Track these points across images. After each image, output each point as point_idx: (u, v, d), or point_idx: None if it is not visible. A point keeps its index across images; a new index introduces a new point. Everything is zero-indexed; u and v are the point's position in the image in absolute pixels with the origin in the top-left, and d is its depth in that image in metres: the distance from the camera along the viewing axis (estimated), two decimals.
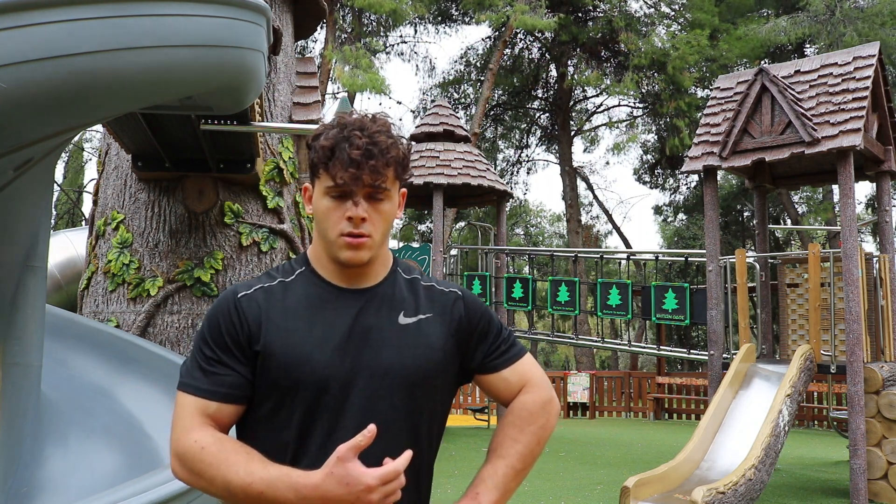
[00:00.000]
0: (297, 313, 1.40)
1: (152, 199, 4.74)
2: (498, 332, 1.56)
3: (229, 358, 1.37)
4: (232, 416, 1.39)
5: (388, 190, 1.40)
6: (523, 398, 1.52)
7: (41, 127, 2.38)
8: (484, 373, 1.53)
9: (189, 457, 1.31)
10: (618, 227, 28.04)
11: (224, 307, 1.41)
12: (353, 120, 1.40)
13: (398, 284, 1.49)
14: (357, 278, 1.45)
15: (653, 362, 19.16)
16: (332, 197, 1.38)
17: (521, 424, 1.49)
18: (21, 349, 2.94)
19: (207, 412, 1.35)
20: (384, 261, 1.49)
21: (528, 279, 10.58)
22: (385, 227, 1.42)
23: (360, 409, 1.36)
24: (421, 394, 1.42)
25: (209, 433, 1.33)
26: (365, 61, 16.73)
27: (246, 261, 4.71)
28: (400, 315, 1.45)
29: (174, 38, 2.41)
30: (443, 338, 1.47)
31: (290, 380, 1.35)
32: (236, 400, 1.38)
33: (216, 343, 1.38)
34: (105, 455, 3.22)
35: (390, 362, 1.39)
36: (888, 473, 6.37)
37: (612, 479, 7.51)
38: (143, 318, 4.46)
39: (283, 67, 5.47)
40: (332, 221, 1.39)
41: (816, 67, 7.23)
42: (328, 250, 1.42)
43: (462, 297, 1.54)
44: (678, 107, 18.58)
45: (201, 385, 1.37)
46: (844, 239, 6.50)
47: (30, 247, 2.98)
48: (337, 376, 1.36)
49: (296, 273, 1.46)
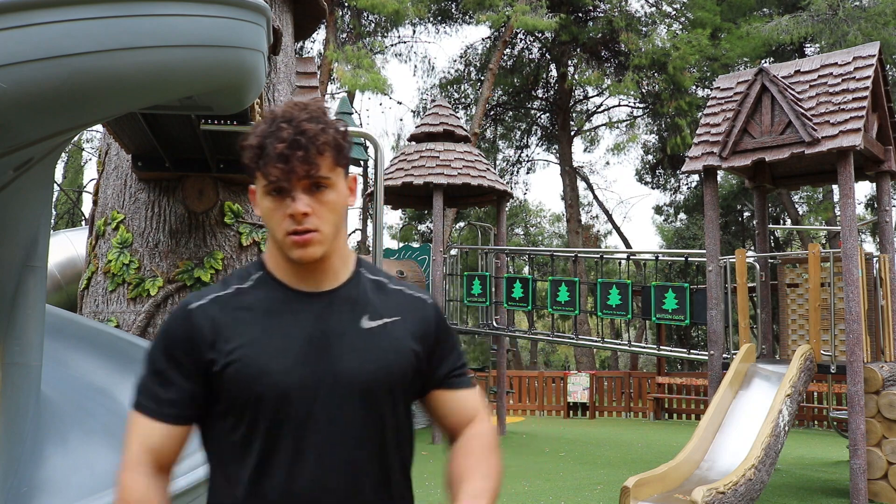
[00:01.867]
0: (254, 321, 1.34)
1: (152, 199, 4.74)
2: (459, 353, 1.51)
3: (179, 376, 1.33)
4: (180, 438, 1.35)
5: (327, 178, 1.32)
6: (483, 427, 1.46)
7: (41, 127, 2.38)
8: (444, 388, 1.46)
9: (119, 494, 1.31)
10: (618, 227, 28.05)
11: (175, 321, 1.35)
12: (281, 112, 1.32)
13: (362, 285, 1.42)
14: (316, 280, 1.38)
15: (653, 362, 19.16)
16: (272, 196, 1.31)
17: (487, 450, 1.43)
18: (21, 349, 2.94)
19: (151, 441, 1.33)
20: (344, 259, 1.42)
21: (528, 279, 10.58)
22: (334, 218, 1.34)
23: (325, 421, 1.31)
24: (387, 400, 1.37)
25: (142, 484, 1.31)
26: (367, 61, 16.73)
27: (246, 261, 4.70)
28: (364, 318, 1.38)
29: (174, 38, 2.41)
30: (410, 341, 1.41)
31: (249, 393, 1.30)
32: (185, 421, 1.35)
33: (167, 360, 1.33)
34: (105, 455, 3.22)
35: (353, 369, 1.33)
36: (888, 473, 6.36)
37: (611, 479, 7.51)
38: (144, 317, 4.46)
39: (283, 67, 5.47)
40: (276, 221, 1.31)
41: (816, 67, 7.23)
42: (281, 251, 1.36)
43: (432, 304, 1.49)
44: (679, 106, 18.56)
45: (149, 405, 1.33)
46: (844, 239, 6.50)
47: (30, 247, 2.98)
48: (298, 387, 1.30)
49: (251, 278, 1.39)
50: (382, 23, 21.19)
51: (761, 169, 7.83)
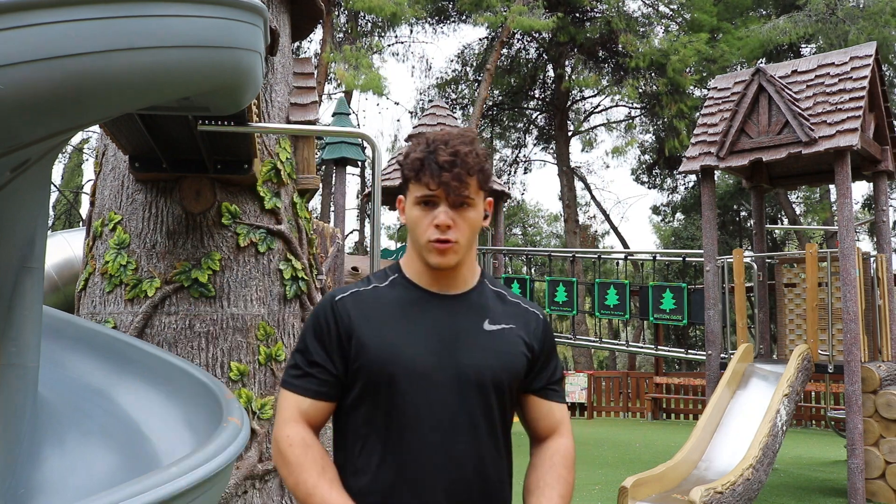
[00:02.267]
0: (389, 312, 1.53)
1: (149, 200, 4.74)
2: (556, 367, 1.68)
3: (325, 358, 1.53)
4: (324, 411, 1.55)
5: (471, 198, 1.51)
6: (566, 442, 1.64)
7: (37, 128, 2.38)
8: (538, 395, 1.64)
9: (278, 448, 1.50)
10: (615, 228, 28.08)
11: (322, 309, 1.58)
12: (439, 134, 1.53)
13: (485, 294, 1.61)
14: (447, 284, 1.57)
15: (651, 362, 19.18)
16: (421, 206, 1.51)
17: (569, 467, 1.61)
18: (18, 350, 2.94)
19: (302, 408, 1.52)
20: (472, 269, 1.61)
21: (525, 279, 10.58)
22: (470, 234, 1.53)
23: (448, 406, 1.48)
24: (499, 396, 1.53)
25: (300, 433, 1.50)
26: (365, 61, 16.71)
27: (243, 261, 4.70)
28: (485, 321, 1.57)
29: (171, 39, 2.41)
30: (523, 346, 1.58)
31: (378, 373, 1.48)
32: (328, 398, 1.54)
33: (314, 343, 1.54)
34: (103, 456, 3.22)
35: (475, 363, 1.51)
36: (886, 473, 6.38)
37: (610, 479, 7.51)
38: (141, 319, 4.45)
39: (280, 68, 5.46)
40: (422, 229, 1.51)
41: (813, 67, 7.24)
42: (420, 256, 1.55)
43: (542, 318, 1.67)
44: (679, 109, 18.55)
45: (298, 383, 1.54)
46: (841, 239, 6.51)
47: (27, 248, 2.98)
48: (425, 373, 1.48)
49: (389, 279, 1.60)
50: (379, 23, 21.18)
51: (758, 169, 7.83)
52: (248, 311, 4.60)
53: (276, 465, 1.52)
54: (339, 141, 10.29)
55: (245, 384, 4.40)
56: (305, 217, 5.44)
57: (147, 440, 3.35)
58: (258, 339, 4.56)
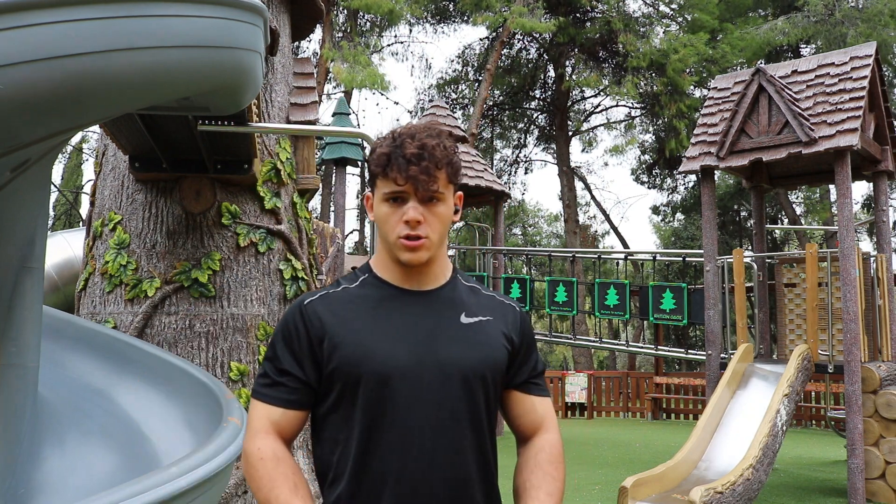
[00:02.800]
0: (361, 312, 1.49)
1: (149, 200, 4.74)
2: (537, 360, 1.65)
3: (294, 365, 1.48)
4: (295, 421, 1.50)
5: (441, 192, 1.47)
6: (550, 437, 1.61)
7: (37, 128, 2.38)
8: (520, 390, 1.61)
9: (248, 461, 1.45)
10: (615, 228, 28.08)
11: (291, 315, 1.52)
12: (405, 128, 1.49)
13: (459, 289, 1.58)
14: (419, 280, 1.53)
15: (651, 362, 19.17)
16: (390, 202, 1.47)
17: (554, 463, 1.57)
18: (18, 350, 2.94)
19: (273, 418, 1.48)
20: (443, 265, 1.58)
21: (525, 279, 10.58)
22: (441, 229, 1.49)
23: (431, 403, 1.44)
24: (482, 388, 1.50)
25: (271, 445, 1.46)
26: (364, 58, 16.70)
27: (243, 262, 4.70)
28: (462, 315, 1.53)
29: (171, 39, 2.41)
30: (501, 339, 1.55)
31: (353, 375, 1.44)
32: (299, 406, 1.49)
33: (283, 351, 1.49)
34: (103, 456, 3.22)
35: (454, 357, 1.47)
36: (886, 473, 6.37)
37: (610, 480, 7.51)
38: (141, 319, 4.45)
39: (280, 68, 5.46)
40: (391, 225, 1.47)
41: (813, 67, 7.24)
42: (390, 253, 1.51)
43: (519, 310, 1.64)
44: (679, 109, 18.55)
45: (269, 393, 1.49)
46: (841, 239, 6.51)
47: (27, 248, 2.98)
48: (400, 370, 1.44)
49: (359, 280, 1.56)
50: (379, 22, 21.17)
51: (758, 169, 7.83)
52: (248, 311, 4.60)
53: (247, 478, 1.46)
54: (339, 141, 10.29)
55: (245, 384, 4.40)
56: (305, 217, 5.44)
57: (147, 440, 3.36)
58: (258, 339, 4.56)
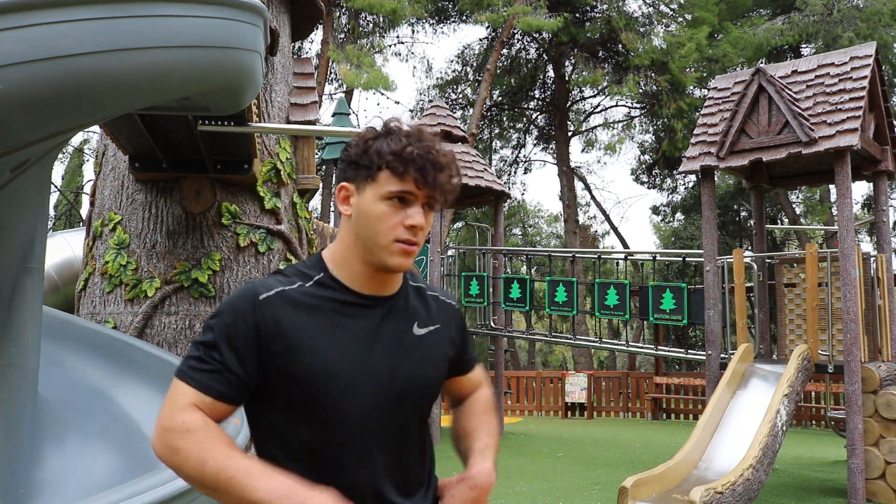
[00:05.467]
0: (320, 318, 1.37)
1: (149, 200, 4.74)
2: (470, 342, 1.67)
3: (235, 361, 1.32)
4: (225, 414, 1.36)
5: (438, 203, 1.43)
6: (485, 391, 1.67)
7: (38, 128, 2.38)
8: (460, 374, 1.63)
9: (173, 433, 1.27)
10: (615, 228, 28.09)
11: (242, 307, 1.35)
12: (414, 130, 1.38)
13: (409, 293, 1.51)
14: (381, 286, 1.44)
15: (651, 362, 19.18)
16: (391, 201, 1.36)
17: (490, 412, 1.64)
18: (18, 350, 2.94)
19: (202, 404, 1.31)
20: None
21: (525, 279, 10.58)
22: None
23: (383, 418, 1.39)
24: (428, 399, 1.49)
25: (199, 417, 1.29)
26: (367, 60, 16.71)
27: (243, 262, 4.70)
28: (415, 325, 1.48)
29: (171, 39, 2.41)
30: (447, 347, 1.54)
31: (313, 389, 1.34)
32: (231, 401, 1.34)
33: (225, 344, 1.32)
34: (103, 456, 3.22)
35: (408, 372, 1.43)
36: (886, 473, 6.37)
37: (609, 480, 7.51)
38: (141, 319, 4.45)
39: (280, 68, 5.46)
40: (387, 226, 1.36)
41: (813, 67, 7.24)
42: (365, 254, 1.40)
43: (458, 307, 1.63)
44: (679, 107, 18.56)
45: (202, 379, 1.31)
46: (841, 239, 6.51)
47: (27, 248, 2.98)
48: (359, 385, 1.37)
49: (314, 279, 1.41)
50: (380, 23, 21.18)
51: (758, 169, 7.83)
52: None
53: (167, 457, 1.28)
54: (339, 141, 10.29)
55: None
56: (305, 217, 5.44)
57: (147, 440, 3.35)
58: None
